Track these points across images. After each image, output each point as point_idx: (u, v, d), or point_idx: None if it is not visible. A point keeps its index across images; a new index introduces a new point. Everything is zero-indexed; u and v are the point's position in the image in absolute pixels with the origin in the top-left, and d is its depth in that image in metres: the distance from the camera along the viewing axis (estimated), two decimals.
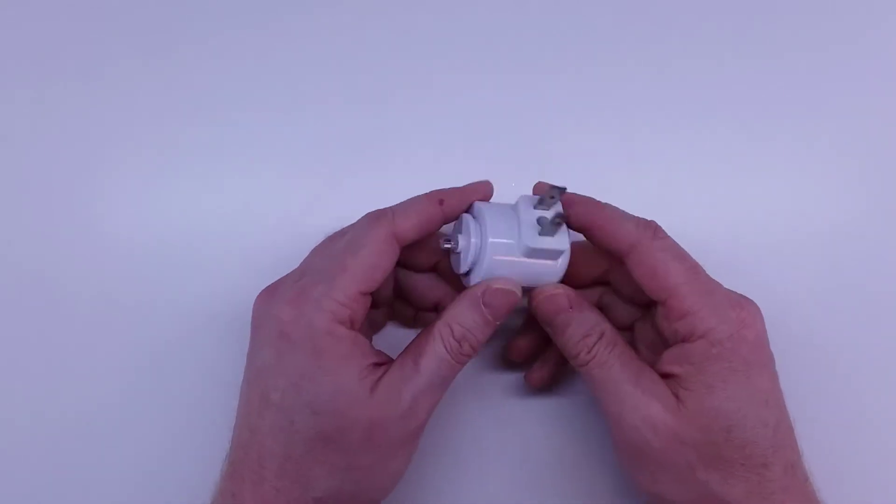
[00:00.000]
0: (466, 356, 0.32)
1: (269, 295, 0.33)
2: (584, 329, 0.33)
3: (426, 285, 0.38)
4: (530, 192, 0.36)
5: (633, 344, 0.37)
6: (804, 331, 0.40)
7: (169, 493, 0.38)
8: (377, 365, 0.32)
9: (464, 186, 0.35)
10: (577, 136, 0.42)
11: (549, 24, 0.43)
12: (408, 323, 0.40)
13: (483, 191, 0.35)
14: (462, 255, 0.34)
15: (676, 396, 0.31)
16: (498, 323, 0.33)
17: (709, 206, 0.42)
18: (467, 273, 0.34)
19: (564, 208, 0.33)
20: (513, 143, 0.42)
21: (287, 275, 0.34)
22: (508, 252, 0.33)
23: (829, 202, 0.42)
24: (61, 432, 0.40)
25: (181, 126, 0.42)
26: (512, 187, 0.41)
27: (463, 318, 0.32)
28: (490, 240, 0.33)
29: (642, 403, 0.31)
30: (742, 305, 0.32)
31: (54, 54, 0.43)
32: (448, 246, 0.34)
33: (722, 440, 0.30)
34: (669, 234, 0.33)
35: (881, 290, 0.41)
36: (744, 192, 0.42)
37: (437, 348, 0.32)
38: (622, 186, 0.42)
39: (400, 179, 0.42)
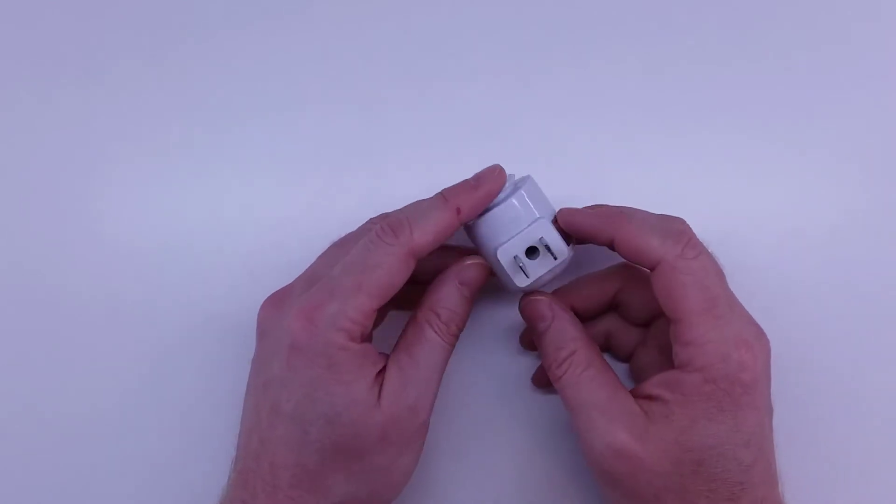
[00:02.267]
0: (454, 336, 0.33)
1: (278, 304, 0.33)
2: (557, 341, 0.33)
3: (437, 255, 0.37)
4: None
5: (633, 367, 0.38)
6: (804, 330, 0.40)
7: (171, 497, 0.38)
8: (383, 370, 0.32)
9: (475, 185, 0.33)
10: (577, 136, 0.42)
11: (548, 24, 0.43)
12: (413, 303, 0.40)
13: (496, 184, 0.34)
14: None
15: (653, 422, 0.31)
16: (473, 298, 0.34)
17: (708, 205, 0.42)
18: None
19: (587, 223, 0.33)
20: (513, 142, 0.42)
21: (294, 282, 0.34)
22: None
23: (830, 202, 0.42)
24: (63, 436, 0.40)
25: (181, 129, 0.42)
26: None
27: (447, 300, 0.33)
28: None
29: (608, 431, 0.31)
30: (749, 345, 0.31)
31: (56, 57, 0.43)
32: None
33: (689, 472, 0.30)
34: None
35: (882, 290, 0.41)
36: (743, 192, 0.42)
37: (427, 335, 0.32)
38: (622, 186, 0.42)
39: (400, 180, 0.42)
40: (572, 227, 0.34)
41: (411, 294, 0.39)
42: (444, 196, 0.33)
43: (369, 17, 0.43)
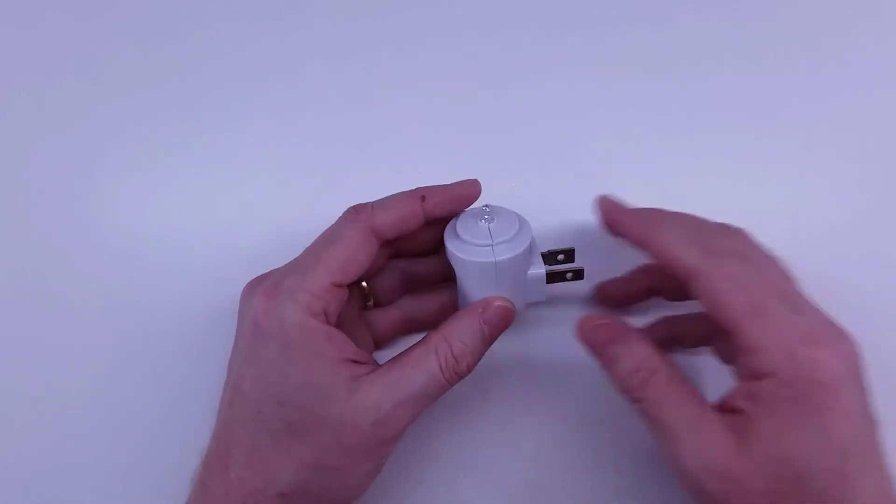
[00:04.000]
0: (459, 375, 0.32)
1: (253, 287, 0.33)
2: (633, 363, 0.30)
3: (438, 266, 0.37)
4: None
5: (716, 352, 0.36)
6: None
7: (163, 482, 0.39)
8: (355, 363, 0.31)
9: (448, 185, 0.34)
10: (577, 136, 0.42)
11: (550, 24, 0.43)
12: (429, 323, 0.39)
13: (469, 190, 0.34)
14: None
15: (741, 437, 0.28)
16: (492, 340, 0.33)
17: (708, 205, 0.42)
18: None
19: (618, 222, 0.34)
20: (513, 142, 0.42)
21: (275, 269, 0.34)
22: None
23: (830, 202, 0.42)
24: (64, 433, 0.40)
25: (181, 127, 0.42)
26: (512, 187, 0.41)
27: (463, 335, 0.32)
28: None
29: (701, 449, 0.28)
30: (820, 342, 0.28)
31: (56, 55, 0.43)
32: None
33: (789, 489, 0.27)
34: None
35: (882, 290, 0.41)
36: (744, 192, 0.42)
37: (430, 364, 0.31)
38: (622, 186, 0.42)
39: (400, 179, 0.41)
40: (614, 223, 0.33)
41: (418, 314, 0.39)
42: (416, 188, 0.34)
43: (371, 16, 0.43)
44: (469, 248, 0.33)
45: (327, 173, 0.42)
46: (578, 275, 0.35)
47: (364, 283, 0.37)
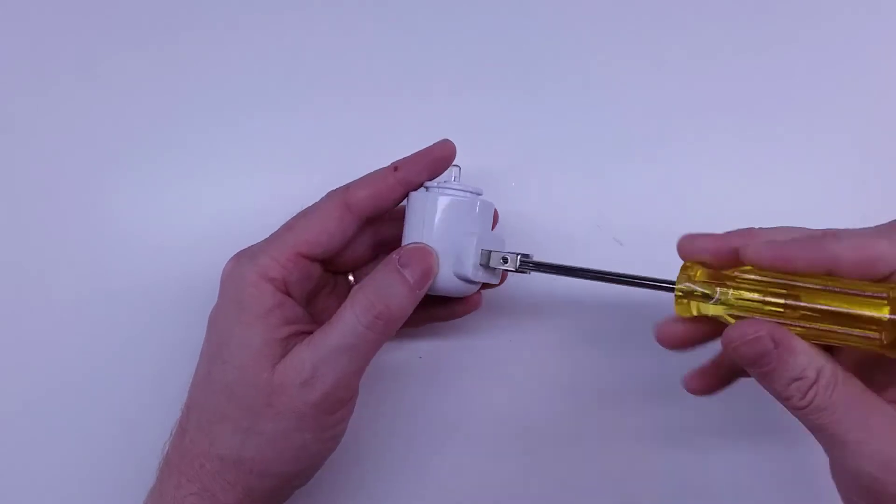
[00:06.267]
0: (383, 323, 0.30)
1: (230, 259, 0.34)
2: (793, 373, 0.28)
3: None
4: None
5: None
6: None
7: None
8: (303, 334, 0.31)
9: (421, 150, 0.34)
10: (576, 136, 0.42)
11: (547, 24, 0.43)
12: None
13: (442, 150, 0.34)
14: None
15: None
16: (419, 289, 0.31)
17: (708, 205, 0.42)
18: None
19: (795, 249, 0.29)
20: (513, 142, 0.42)
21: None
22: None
23: (830, 203, 0.42)
24: (64, 432, 0.41)
25: (181, 126, 0.42)
26: (512, 187, 0.41)
27: (377, 279, 0.31)
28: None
29: (877, 449, 0.26)
30: None
31: (56, 55, 0.43)
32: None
33: None
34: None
35: None
36: (747, 190, 0.42)
37: (346, 315, 0.30)
38: (623, 187, 0.42)
39: None
40: (779, 259, 0.29)
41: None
42: (392, 162, 0.34)
43: (371, 15, 0.43)
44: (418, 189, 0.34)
45: (327, 173, 0.42)
46: (508, 263, 0.33)
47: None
